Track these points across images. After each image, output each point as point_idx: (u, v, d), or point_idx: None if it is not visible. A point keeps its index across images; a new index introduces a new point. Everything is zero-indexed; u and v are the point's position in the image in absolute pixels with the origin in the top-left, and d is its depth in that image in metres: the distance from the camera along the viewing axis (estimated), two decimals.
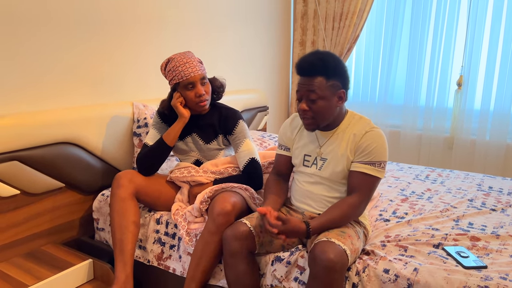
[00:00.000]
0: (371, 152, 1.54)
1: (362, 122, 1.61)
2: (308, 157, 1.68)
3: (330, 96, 1.54)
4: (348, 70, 1.60)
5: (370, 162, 1.54)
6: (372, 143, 1.55)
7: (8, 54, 1.83)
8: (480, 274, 1.37)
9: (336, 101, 1.56)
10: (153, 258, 1.90)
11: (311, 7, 3.71)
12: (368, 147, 1.55)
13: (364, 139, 1.56)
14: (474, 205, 2.01)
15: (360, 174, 1.55)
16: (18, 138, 1.80)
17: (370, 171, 1.54)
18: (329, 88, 1.53)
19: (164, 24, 2.55)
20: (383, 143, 1.56)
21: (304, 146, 1.70)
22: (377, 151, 1.54)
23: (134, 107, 2.31)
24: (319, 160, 1.65)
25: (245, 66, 3.36)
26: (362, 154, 1.56)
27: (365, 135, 1.57)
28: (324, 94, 1.52)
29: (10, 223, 1.85)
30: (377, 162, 1.55)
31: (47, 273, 1.74)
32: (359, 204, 1.54)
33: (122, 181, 1.82)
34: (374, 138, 1.55)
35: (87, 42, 2.13)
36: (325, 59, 1.51)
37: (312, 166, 1.67)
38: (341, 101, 1.57)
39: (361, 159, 1.56)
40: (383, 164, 1.55)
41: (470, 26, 3.21)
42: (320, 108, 1.54)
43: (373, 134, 1.56)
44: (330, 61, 1.51)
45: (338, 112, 1.61)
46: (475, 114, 3.32)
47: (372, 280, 1.44)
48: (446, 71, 3.36)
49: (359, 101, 3.83)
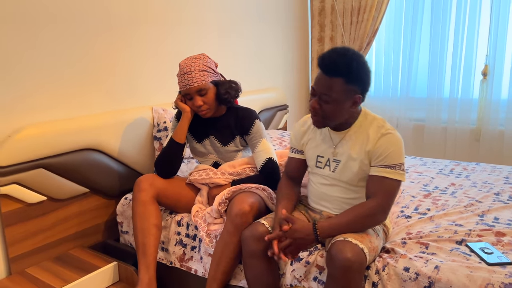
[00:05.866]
0: (388, 156, 1.49)
1: (376, 123, 1.56)
2: (321, 158, 1.65)
3: (344, 100, 1.49)
4: (371, 72, 1.53)
5: (390, 165, 1.49)
6: (389, 147, 1.49)
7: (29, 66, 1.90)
8: (504, 270, 1.33)
9: (349, 105, 1.51)
10: (175, 260, 1.94)
11: (328, 3, 3.68)
12: (385, 151, 1.49)
13: (379, 143, 1.51)
14: (501, 199, 1.94)
15: (380, 178, 1.49)
16: (43, 146, 1.86)
17: (390, 174, 1.48)
18: (346, 92, 1.48)
19: (179, 26, 2.59)
20: (400, 146, 1.50)
21: (316, 146, 1.67)
22: (395, 154, 1.49)
23: (154, 111, 2.35)
24: (332, 161, 1.61)
25: (263, 65, 3.36)
26: (380, 159, 1.50)
27: (381, 139, 1.51)
28: (339, 97, 1.47)
29: (38, 228, 1.92)
30: (397, 165, 1.49)
31: (74, 276, 1.80)
32: (378, 208, 1.46)
33: (143, 185, 1.86)
34: (390, 142, 1.50)
35: (102, 48, 2.18)
36: (350, 63, 1.44)
37: (325, 168, 1.63)
38: (355, 106, 1.52)
39: (379, 163, 1.50)
40: (402, 167, 1.50)
41: (493, 12, 3.10)
42: (331, 110, 1.50)
43: (389, 138, 1.51)
44: (354, 65, 1.45)
45: (352, 112, 1.56)
46: (502, 104, 3.20)
47: (392, 279, 1.42)
48: (470, 60, 3.26)
49: (381, 95, 3.77)
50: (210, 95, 1.87)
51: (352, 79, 1.46)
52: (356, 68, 1.45)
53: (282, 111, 3.40)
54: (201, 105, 1.86)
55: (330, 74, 1.46)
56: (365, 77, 1.49)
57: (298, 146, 1.75)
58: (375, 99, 3.80)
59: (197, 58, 1.88)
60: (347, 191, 1.61)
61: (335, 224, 1.45)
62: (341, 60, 1.44)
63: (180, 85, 1.87)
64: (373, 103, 3.82)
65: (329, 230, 1.45)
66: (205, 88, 1.85)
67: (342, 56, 1.45)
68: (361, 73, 1.47)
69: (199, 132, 2.01)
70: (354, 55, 1.47)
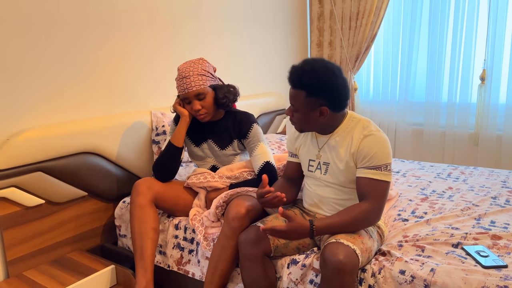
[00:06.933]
0: (372, 157, 1.50)
1: (360, 125, 1.57)
2: (312, 162, 1.68)
3: (309, 110, 1.53)
4: (342, 85, 1.51)
5: (375, 166, 1.50)
6: (372, 148, 1.50)
7: (28, 69, 1.91)
8: (499, 273, 1.34)
9: (317, 115, 1.54)
10: (173, 263, 1.94)
11: (327, 8, 3.70)
12: (369, 153, 1.50)
13: (363, 144, 1.52)
14: (498, 203, 1.95)
15: (367, 179, 1.51)
16: (42, 149, 1.87)
17: (376, 175, 1.49)
18: (309, 104, 1.51)
19: (178, 31, 2.61)
20: (384, 146, 1.51)
21: (307, 151, 1.70)
22: (379, 155, 1.50)
23: (152, 115, 2.37)
24: (322, 164, 1.64)
25: (263, 70, 3.38)
26: (364, 160, 1.52)
27: (364, 140, 1.52)
28: (303, 108, 1.53)
29: (36, 231, 1.93)
30: (383, 166, 1.50)
31: (72, 279, 1.81)
32: (370, 210, 1.48)
33: (141, 188, 1.87)
34: (373, 143, 1.51)
35: (101, 52, 2.20)
36: (312, 77, 1.46)
37: (316, 171, 1.66)
38: (323, 116, 1.54)
39: (365, 165, 1.52)
40: (388, 167, 1.50)
41: (491, 17, 3.12)
42: (300, 119, 1.57)
43: (372, 139, 1.52)
44: (317, 79, 1.46)
45: (332, 119, 1.57)
46: (500, 109, 3.21)
47: (388, 282, 1.42)
48: (468, 65, 3.28)
49: (380, 100, 3.78)
50: (208, 99, 1.89)
51: (314, 92, 1.49)
52: (319, 82, 1.47)
53: (281, 116, 3.41)
54: (200, 109, 1.88)
55: (293, 86, 1.53)
56: (332, 91, 1.49)
57: (293, 150, 1.78)
58: (374, 103, 3.81)
59: (196, 63, 1.89)
60: (339, 193, 1.62)
61: (329, 224, 1.46)
62: (305, 74, 1.48)
63: (178, 89, 1.88)
64: (371, 108, 3.83)
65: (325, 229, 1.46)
66: (204, 92, 1.87)
67: (306, 70, 1.48)
68: (326, 86, 1.48)
69: (197, 135, 2.03)
70: (318, 68, 1.48)
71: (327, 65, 1.49)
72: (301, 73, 1.49)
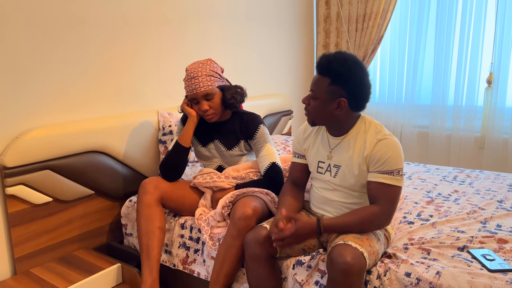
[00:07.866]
0: (386, 162, 1.50)
1: (373, 129, 1.57)
2: (322, 164, 1.67)
3: (326, 100, 1.53)
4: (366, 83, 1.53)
5: (387, 171, 1.50)
6: (386, 152, 1.50)
7: (37, 69, 1.93)
8: (506, 277, 1.33)
9: (334, 107, 1.53)
10: (178, 262, 1.95)
11: (334, 10, 3.70)
12: (382, 157, 1.50)
13: (376, 148, 1.52)
14: (504, 206, 1.95)
15: (379, 184, 1.51)
16: (50, 148, 1.89)
17: (388, 180, 1.49)
18: (328, 92, 1.51)
19: (185, 32, 2.62)
20: (398, 151, 1.51)
21: (317, 152, 1.69)
22: (392, 160, 1.50)
23: (159, 115, 2.38)
24: (333, 167, 1.63)
25: (269, 71, 3.39)
26: (377, 164, 1.52)
27: (378, 144, 1.52)
28: (321, 96, 1.53)
29: (44, 229, 1.95)
30: (395, 171, 1.50)
31: (78, 277, 1.82)
32: (380, 214, 1.48)
33: (147, 187, 1.88)
34: (387, 147, 1.51)
35: (109, 51, 2.22)
36: (342, 65, 1.48)
37: (326, 173, 1.65)
38: (339, 109, 1.53)
39: (377, 169, 1.52)
40: (401, 172, 1.50)
41: (499, 20, 3.11)
42: (315, 107, 1.56)
43: (386, 143, 1.52)
44: (345, 69, 1.48)
45: (346, 118, 1.57)
46: (507, 112, 3.20)
47: (393, 284, 1.42)
48: (474, 68, 3.27)
49: (386, 102, 3.78)
50: (216, 100, 1.90)
51: (339, 80, 1.49)
52: (347, 71, 1.48)
53: (287, 117, 3.42)
54: (207, 109, 1.89)
55: (320, 72, 1.53)
56: (355, 81, 1.50)
57: (301, 151, 1.77)
58: (380, 105, 3.81)
59: (204, 63, 1.90)
60: (348, 196, 1.62)
61: (336, 223, 1.47)
62: (334, 61, 1.49)
63: (186, 89, 1.89)
64: (377, 110, 3.83)
65: (332, 228, 1.47)
66: (212, 93, 1.88)
67: (337, 58, 1.50)
68: (352, 78, 1.49)
69: (204, 136, 2.04)
70: (350, 60, 1.49)
71: (358, 60, 1.52)
72: (332, 59, 1.50)
